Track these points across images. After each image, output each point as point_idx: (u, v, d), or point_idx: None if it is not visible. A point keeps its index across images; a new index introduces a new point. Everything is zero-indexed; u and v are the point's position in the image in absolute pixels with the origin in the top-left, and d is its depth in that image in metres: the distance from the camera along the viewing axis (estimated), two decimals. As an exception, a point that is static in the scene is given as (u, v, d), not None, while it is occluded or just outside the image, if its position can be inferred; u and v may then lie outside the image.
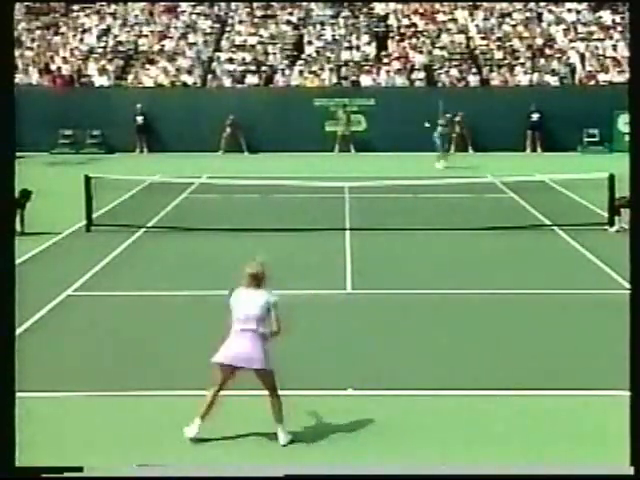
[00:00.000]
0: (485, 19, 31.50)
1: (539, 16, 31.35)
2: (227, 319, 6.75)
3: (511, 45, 30.03)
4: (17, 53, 29.58)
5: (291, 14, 32.44)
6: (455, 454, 6.45)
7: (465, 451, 6.50)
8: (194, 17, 32.26)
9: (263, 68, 29.51)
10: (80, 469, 4.84)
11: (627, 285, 10.96)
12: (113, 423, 7.07)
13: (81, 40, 30.91)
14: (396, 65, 29.40)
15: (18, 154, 26.50)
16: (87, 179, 15.33)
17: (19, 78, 28.48)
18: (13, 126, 4.61)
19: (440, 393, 7.63)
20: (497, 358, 8.65)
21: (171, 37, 31.02)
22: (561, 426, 6.96)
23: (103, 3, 33.00)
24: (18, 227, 14.58)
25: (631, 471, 4.46)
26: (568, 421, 7.08)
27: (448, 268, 12.44)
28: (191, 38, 30.99)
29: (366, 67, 29.44)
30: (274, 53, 30.21)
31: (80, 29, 31.47)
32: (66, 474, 4.68)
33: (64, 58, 29.53)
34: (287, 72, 29.30)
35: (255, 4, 32.82)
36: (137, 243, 14.14)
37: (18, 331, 9.15)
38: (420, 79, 29.04)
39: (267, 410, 6.84)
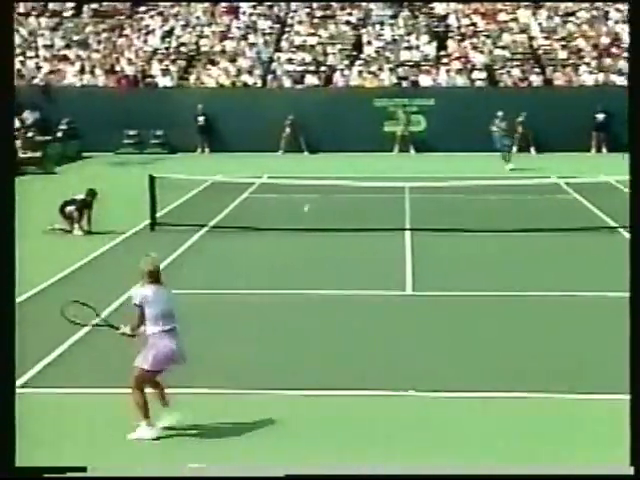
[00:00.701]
0: (549, 18, 31.01)
1: (605, 14, 30.72)
2: (134, 320, 6.69)
3: (576, 44, 29.50)
4: (84, 55, 30.28)
5: (350, 14, 32.44)
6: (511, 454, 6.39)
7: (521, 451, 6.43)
8: (254, 18, 32.53)
9: (322, 68, 29.58)
10: (83, 469, 4.79)
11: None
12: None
13: (145, 41, 31.45)
14: (456, 65, 29.16)
15: (85, 154, 27.16)
16: (151, 179, 15.59)
17: (86, 80, 29.14)
18: (12, 125, 4.69)
19: (490, 395, 7.60)
20: (563, 360, 8.52)
21: (232, 38, 31.33)
22: None
23: (167, 4, 33.54)
24: (85, 226, 14.94)
25: (631, 471, 4.43)
26: None
27: (509, 269, 12.33)
28: (251, 39, 31.25)
29: (426, 67, 29.27)
30: (333, 53, 30.26)
31: (144, 31, 32.03)
32: (69, 474, 4.65)
33: (129, 59, 30.09)
34: (346, 72, 29.31)
35: (315, 5, 32.93)
36: (199, 242, 14.34)
37: (85, 329, 9.39)
38: (481, 79, 28.74)
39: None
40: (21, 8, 33.29)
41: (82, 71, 29.44)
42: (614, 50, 28.98)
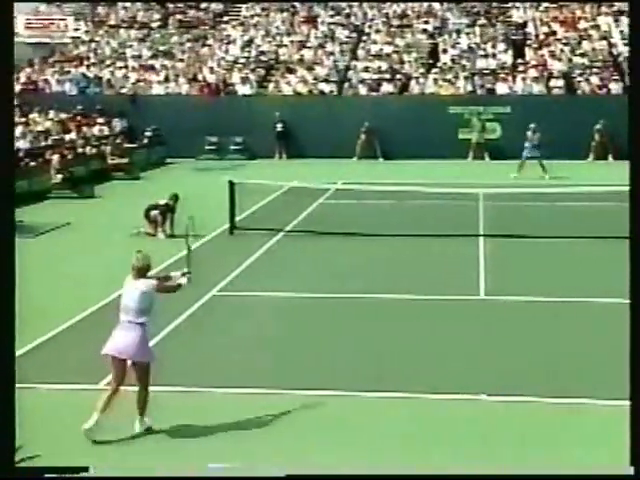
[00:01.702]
0: (630, 24, 30.53)
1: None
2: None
3: (657, 51, 28.96)
4: (169, 65, 31.35)
5: (427, 22, 32.63)
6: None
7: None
8: (332, 27, 33.04)
9: (398, 76, 29.86)
10: (85, 469, 4.90)
11: None
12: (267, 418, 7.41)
13: (226, 51, 32.34)
14: (533, 73, 29.01)
15: (169, 160, 27.98)
16: (231, 184, 16.15)
17: (170, 88, 30.17)
18: (13, 127, 4.74)
19: (561, 401, 7.67)
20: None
21: (310, 47, 31.91)
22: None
23: (247, 14, 34.38)
24: (168, 230, 15.59)
25: (631, 471, 4.44)
26: None
27: (587, 276, 12.32)
28: (329, 47, 31.78)
29: (502, 75, 29.22)
30: (409, 61, 30.51)
31: (225, 40, 32.94)
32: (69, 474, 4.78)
33: (211, 68, 31.00)
34: (422, 80, 29.51)
35: (391, 14, 33.24)
36: (277, 246, 14.77)
37: (169, 328, 9.91)
38: (559, 87, 28.52)
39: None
40: (112, 20, 34.71)
41: (167, 80, 30.50)
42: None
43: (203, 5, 35.04)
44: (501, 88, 28.92)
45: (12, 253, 4.66)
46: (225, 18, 34.44)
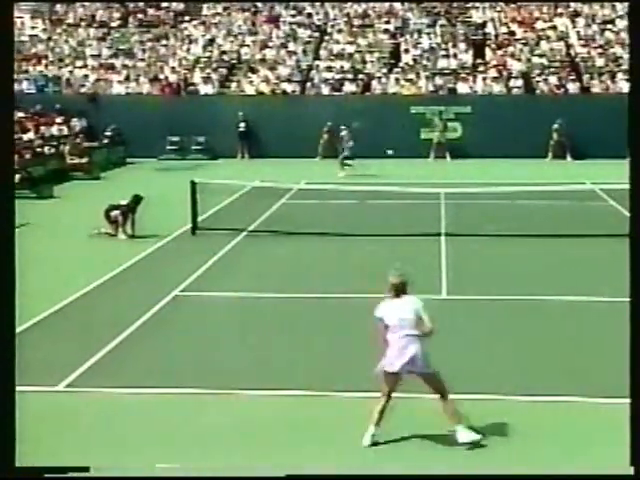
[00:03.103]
0: (587, 26, 31.01)
1: (643, 22, 30.61)
2: (377, 331, 7.02)
3: (613, 52, 29.47)
4: (130, 64, 31.05)
5: (388, 22, 32.79)
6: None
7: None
8: (294, 27, 33.04)
9: (360, 76, 29.97)
10: (85, 469, 4.87)
11: None
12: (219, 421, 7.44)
13: (188, 50, 32.14)
14: (493, 73, 29.33)
15: (129, 160, 27.77)
16: (193, 184, 16.08)
17: (131, 88, 29.88)
18: (13, 127, 4.72)
19: (531, 399, 7.77)
20: (590, 365, 8.70)
21: (272, 46, 31.87)
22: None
23: (209, 14, 34.21)
24: (129, 230, 15.46)
25: (631, 471, 4.46)
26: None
27: (546, 275, 12.46)
28: (291, 47, 31.77)
29: (463, 75, 29.49)
30: (371, 61, 30.64)
31: (187, 40, 32.73)
32: (69, 474, 4.75)
33: (172, 68, 30.78)
34: (384, 80, 29.66)
35: (353, 14, 33.34)
36: (239, 246, 14.74)
37: (131, 329, 9.83)
38: (518, 87, 28.87)
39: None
40: (70, 19, 34.26)
41: (127, 79, 30.21)
42: (652, 58, 28.88)
43: (164, 4, 34.78)
44: (462, 88, 29.19)
45: (12, 255, 4.64)
46: (186, 17, 34.22)
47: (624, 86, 28.10)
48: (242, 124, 28.12)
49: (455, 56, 30.54)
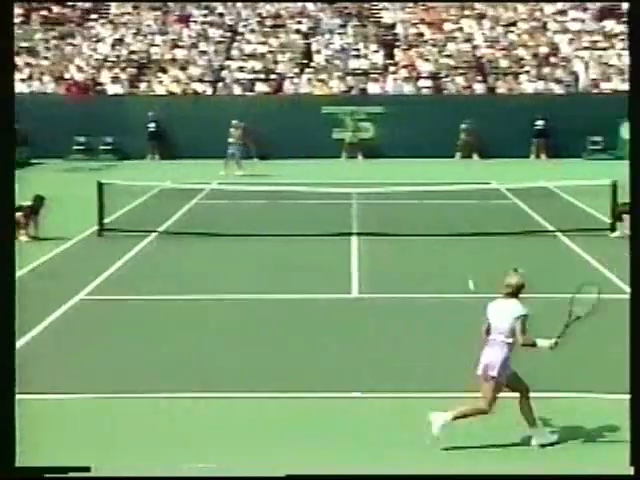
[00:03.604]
0: (491, 28, 31.83)
1: (544, 25, 31.66)
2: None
3: (517, 53, 30.35)
4: (33, 62, 30.13)
5: (300, 23, 32.89)
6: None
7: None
8: (205, 26, 32.75)
9: (272, 76, 29.95)
10: (87, 469, 4.85)
11: (628, 290, 11.15)
12: (116, 425, 7.20)
13: (95, 49, 31.44)
14: (403, 73, 29.78)
15: (34, 161, 27.05)
16: (100, 185, 15.72)
17: (35, 87, 29.00)
18: (13, 127, 4.69)
19: (441, 395, 7.78)
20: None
21: (183, 46, 31.50)
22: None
23: (117, 12, 33.54)
24: (32, 232, 15.00)
25: (631, 471, 4.50)
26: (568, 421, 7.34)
27: (453, 273, 12.64)
28: (202, 47, 31.47)
29: (374, 75, 29.84)
30: (283, 61, 30.66)
31: (94, 39, 32.01)
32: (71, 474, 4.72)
33: (78, 67, 30.05)
34: (296, 80, 29.74)
35: (265, 13, 33.30)
36: (149, 248, 14.48)
37: (31, 334, 9.53)
38: (427, 87, 29.40)
39: (272, 412, 7.19)
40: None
41: (30, 78, 29.31)
42: (552, 59, 29.90)
43: (69, 2, 33.91)
44: (373, 88, 29.53)
45: (12, 261, 4.63)
46: (93, 16, 33.46)
47: (527, 87, 28.99)
48: (152, 124, 27.69)
49: (366, 56, 30.88)
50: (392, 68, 30.19)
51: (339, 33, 32.18)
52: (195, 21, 33.02)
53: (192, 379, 8.26)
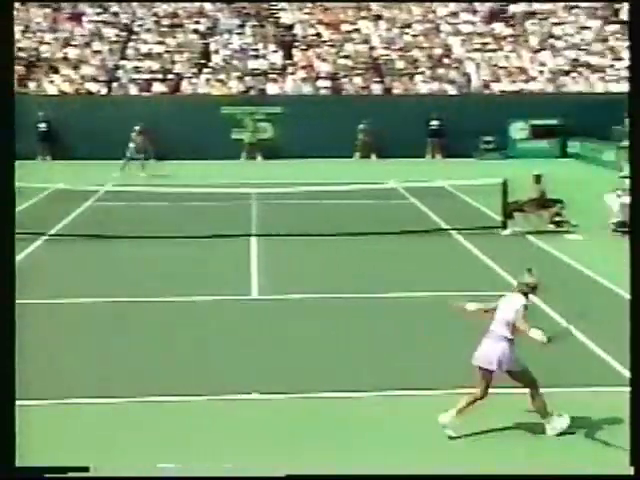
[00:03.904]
0: (387, 29, 32.36)
1: (438, 27, 32.43)
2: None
3: (412, 55, 30.96)
4: None
5: (198, 23, 32.55)
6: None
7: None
8: (99, 25, 31.97)
9: (170, 76, 29.53)
10: (86, 469, 4.82)
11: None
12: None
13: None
14: (302, 74, 29.91)
15: None
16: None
17: None
18: (13, 127, 4.69)
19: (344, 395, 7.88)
20: (391, 359, 8.92)
21: (75, 45, 30.65)
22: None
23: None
24: None
25: (631, 471, 4.49)
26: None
27: (352, 272, 12.76)
28: (96, 46, 30.71)
29: (273, 76, 29.84)
30: (181, 61, 30.28)
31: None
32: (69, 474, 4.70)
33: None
34: (194, 80, 29.42)
35: (162, 13, 32.79)
36: (38, 251, 14.05)
37: None
38: (326, 87, 29.62)
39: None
40: None
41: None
42: (446, 60, 30.67)
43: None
44: (272, 88, 29.53)
45: (12, 263, 4.52)
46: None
47: (422, 87, 29.61)
48: (43, 124, 26.86)
49: (265, 57, 30.85)
50: (291, 69, 30.27)
51: (237, 33, 32.02)
52: (88, 20, 32.18)
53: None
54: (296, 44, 31.68)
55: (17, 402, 4.57)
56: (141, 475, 5.41)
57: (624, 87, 29.44)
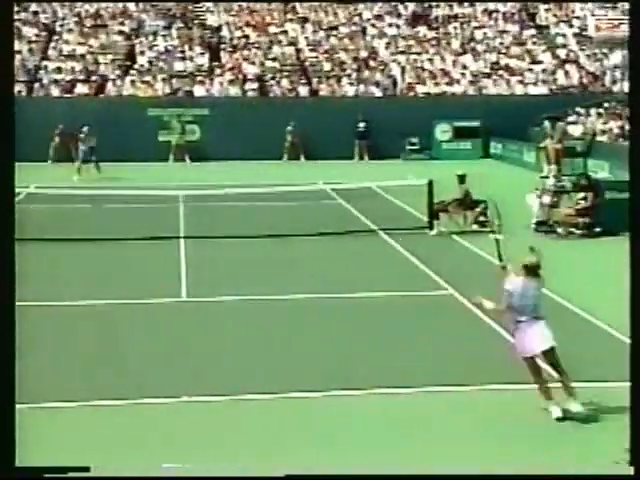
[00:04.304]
0: (314, 32, 32.59)
1: (363, 30, 32.82)
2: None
3: (338, 57, 31.26)
4: None
5: (122, 24, 32.13)
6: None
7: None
8: (18, 24, 31.22)
9: (93, 78, 29.09)
10: (86, 469, 4.80)
11: (445, 285, 11.82)
12: None
13: None
14: (229, 76, 29.87)
15: None
16: None
17: None
18: (13, 127, 4.68)
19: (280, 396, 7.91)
20: (333, 358, 9.01)
21: (-7, 44, 29.88)
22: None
23: None
24: None
25: (631, 471, 4.49)
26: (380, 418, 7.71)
27: (281, 274, 12.80)
28: (15, 46, 29.96)
29: (199, 78, 29.71)
30: (105, 63, 29.85)
31: None
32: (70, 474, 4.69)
33: None
34: (119, 82, 29.05)
35: (84, 14, 32.26)
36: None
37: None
38: (253, 89, 29.65)
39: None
40: None
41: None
42: (372, 63, 31.09)
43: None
44: (199, 90, 29.39)
45: (12, 263, 4.54)
46: None
47: (349, 89, 29.93)
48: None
49: (191, 59, 30.68)
50: (218, 70, 30.19)
51: (163, 35, 31.75)
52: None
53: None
54: (223, 46, 31.62)
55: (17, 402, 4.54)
56: (141, 475, 5.41)
57: (542, 90, 30.42)
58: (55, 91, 28.50)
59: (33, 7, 32.20)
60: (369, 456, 6.53)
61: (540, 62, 31.44)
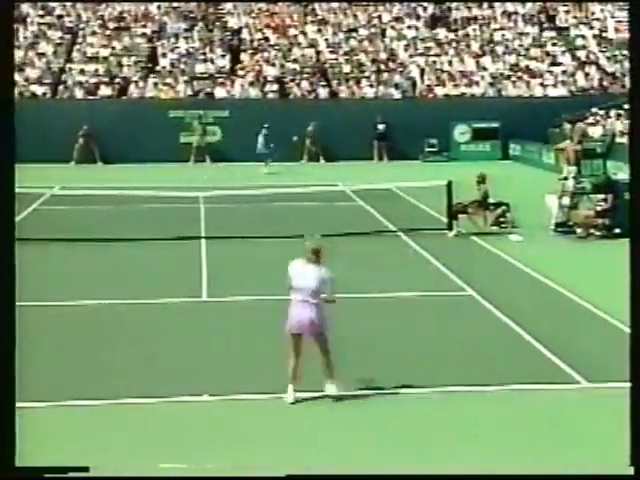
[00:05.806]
0: (334, 34, 32.74)
1: (383, 32, 32.92)
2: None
3: (358, 59, 31.38)
4: None
5: (145, 26, 32.46)
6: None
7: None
8: (43, 27, 31.64)
9: (116, 80, 29.41)
10: (86, 469, 4.81)
11: (464, 286, 11.89)
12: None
13: None
14: (249, 77, 30.08)
15: None
16: None
17: None
18: (13, 127, 4.70)
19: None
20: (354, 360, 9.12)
21: (19, 47, 30.28)
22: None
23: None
24: None
25: (631, 471, 4.48)
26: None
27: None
28: (40, 48, 30.40)
29: (220, 79, 29.95)
30: (128, 65, 30.17)
31: None
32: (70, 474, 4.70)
33: None
34: (141, 84, 29.35)
35: (107, 17, 32.61)
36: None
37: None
38: (273, 91, 29.84)
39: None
40: None
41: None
42: (391, 65, 31.18)
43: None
44: (220, 92, 29.63)
45: (12, 263, 4.57)
46: None
47: (368, 91, 30.05)
48: (-12, 128, 26.44)
49: (212, 61, 30.92)
50: (238, 72, 30.42)
51: (185, 37, 32.03)
52: (32, 22, 31.82)
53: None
54: (243, 48, 31.84)
55: (17, 402, 4.58)
56: (141, 475, 5.44)
57: (561, 91, 30.37)
58: (79, 93, 28.83)
59: (58, 11, 32.59)
60: (395, 456, 6.63)
61: (560, 64, 31.39)
